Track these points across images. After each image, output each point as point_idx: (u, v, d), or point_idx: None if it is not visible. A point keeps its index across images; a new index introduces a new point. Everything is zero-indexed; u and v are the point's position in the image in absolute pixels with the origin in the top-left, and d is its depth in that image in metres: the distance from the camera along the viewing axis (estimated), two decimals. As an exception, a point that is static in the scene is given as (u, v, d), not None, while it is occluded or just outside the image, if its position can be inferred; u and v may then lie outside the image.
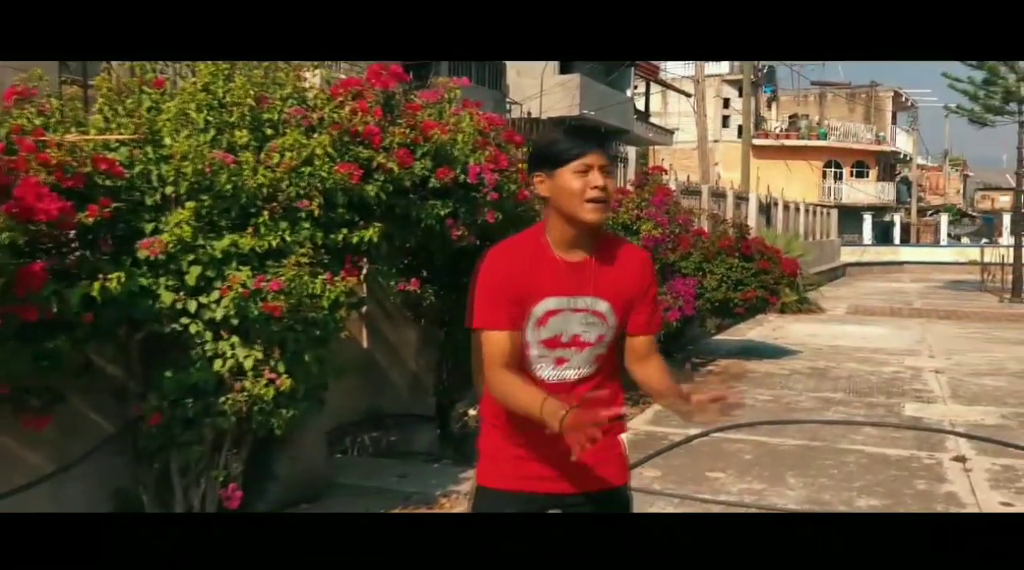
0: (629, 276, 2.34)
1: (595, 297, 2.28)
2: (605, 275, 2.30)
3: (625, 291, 2.32)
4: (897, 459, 6.34)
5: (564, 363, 2.31)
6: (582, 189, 2.20)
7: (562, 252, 2.28)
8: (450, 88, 4.41)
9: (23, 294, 2.89)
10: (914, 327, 15.03)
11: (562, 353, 2.30)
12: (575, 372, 2.32)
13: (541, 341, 2.29)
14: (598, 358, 2.33)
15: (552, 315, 2.27)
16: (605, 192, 2.21)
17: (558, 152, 2.24)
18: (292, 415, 3.73)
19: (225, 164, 3.36)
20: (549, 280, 2.26)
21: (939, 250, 37.73)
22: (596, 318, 2.30)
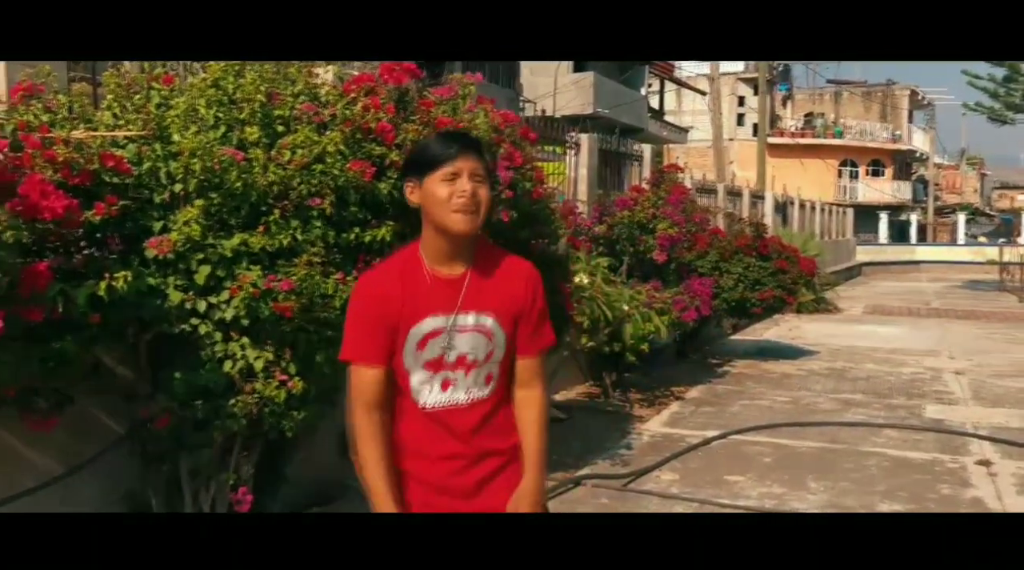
0: (513, 289, 2.22)
1: (477, 313, 2.17)
2: (487, 288, 2.18)
3: (510, 305, 2.21)
4: (920, 462, 6.22)
5: (451, 386, 2.19)
6: (449, 197, 2.08)
7: (438, 267, 2.17)
8: (464, 84, 4.31)
9: (28, 294, 2.81)
10: (932, 327, 14.87)
11: (448, 375, 2.19)
12: (465, 395, 2.20)
13: (424, 365, 2.17)
14: (489, 378, 2.22)
15: (432, 336, 2.16)
16: (473, 199, 2.09)
17: (426, 158, 2.14)
18: (304, 417, 3.66)
19: (235, 161, 3.28)
20: (425, 299, 2.15)
21: (956, 249, 37.39)
22: (481, 336, 2.18)
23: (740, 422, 7.37)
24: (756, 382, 9.38)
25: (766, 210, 17.79)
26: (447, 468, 2.22)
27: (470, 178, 2.11)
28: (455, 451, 2.21)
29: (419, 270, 2.17)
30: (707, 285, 8.88)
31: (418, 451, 2.22)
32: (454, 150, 2.12)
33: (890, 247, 37.10)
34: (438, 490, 2.24)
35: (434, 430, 2.21)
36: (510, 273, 2.23)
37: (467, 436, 2.21)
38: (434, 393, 2.19)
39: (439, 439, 2.21)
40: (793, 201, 21.67)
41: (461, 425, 2.21)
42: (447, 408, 2.20)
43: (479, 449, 2.22)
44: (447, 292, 2.16)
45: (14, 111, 3.24)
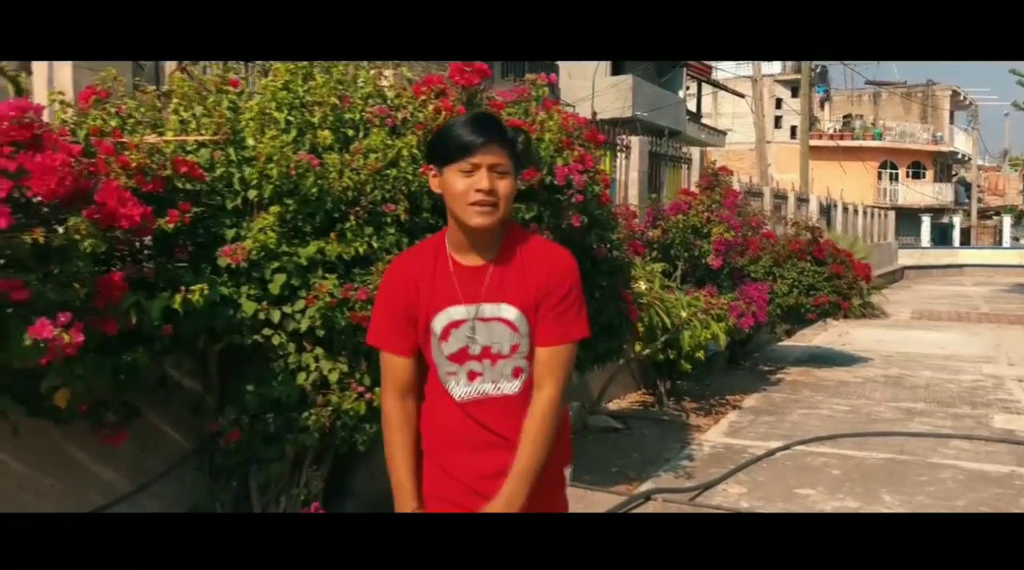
0: (539, 276, 2.08)
1: (500, 303, 2.06)
2: (510, 278, 2.07)
3: (533, 293, 2.07)
4: (997, 476, 5.98)
5: (477, 377, 2.09)
6: (465, 191, 1.99)
7: (461, 256, 2.08)
8: (538, 86, 4.18)
9: (103, 305, 2.72)
10: (985, 333, 14.51)
11: (473, 366, 2.09)
12: (493, 387, 2.09)
13: (448, 356, 2.09)
14: (518, 372, 2.10)
15: (454, 327, 2.07)
16: (492, 195, 1.99)
17: (446, 147, 2.03)
18: (377, 430, 3.53)
19: (312, 166, 3.16)
20: (446, 289, 2.07)
21: (1002, 253, 36.66)
22: (505, 327, 2.07)
23: (802, 432, 7.15)
24: (812, 390, 9.14)
25: (811, 213, 17.50)
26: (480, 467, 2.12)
27: (489, 172, 1.99)
28: (489, 442, 2.11)
29: (443, 259, 2.10)
30: (763, 290, 8.67)
31: (453, 442, 2.13)
32: (476, 142, 1.99)
33: (932, 250, 36.42)
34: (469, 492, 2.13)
35: (468, 422, 2.12)
36: (537, 261, 2.10)
37: (498, 428, 2.11)
38: (461, 384, 2.10)
39: (473, 431, 2.12)
40: (836, 204, 21.34)
41: (493, 419, 2.10)
42: (476, 400, 2.11)
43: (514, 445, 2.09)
44: (470, 282, 2.07)
45: (85, 116, 3.14)
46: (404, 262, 2.18)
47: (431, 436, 2.18)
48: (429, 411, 2.18)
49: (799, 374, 10.08)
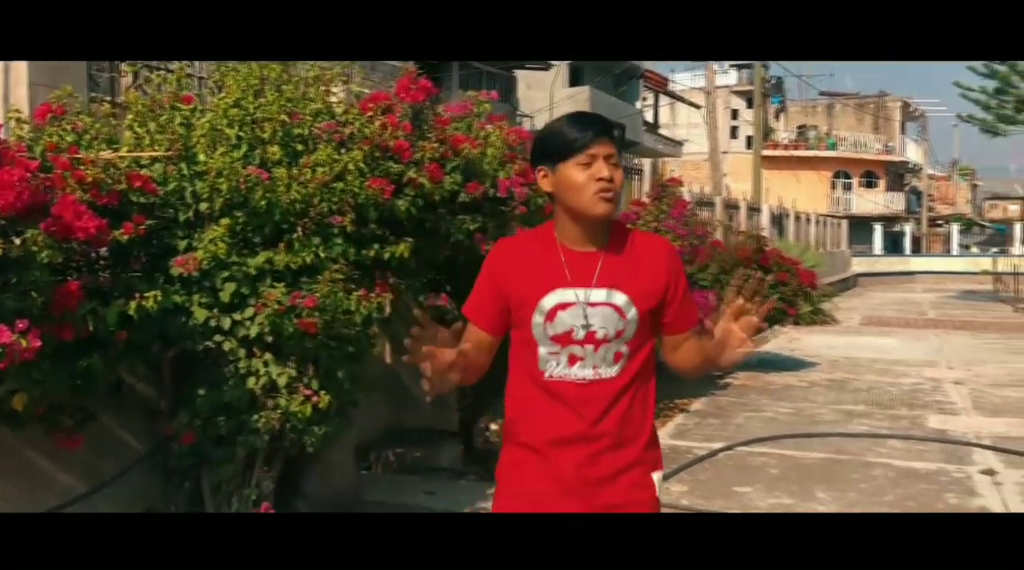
0: (649, 267, 2.17)
1: (610, 289, 2.13)
2: (621, 266, 2.15)
3: (645, 283, 2.16)
4: (925, 472, 6.27)
5: (578, 361, 2.14)
6: (586, 182, 2.08)
7: (572, 245, 2.16)
8: (479, 102, 4.38)
9: (60, 313, 2.86)
10: (930, 338, 14.93)
11: (575, 350, 2.14)
12: (592, 372, 2.14)
13: (551, 337, 2.14)
14: (618, 356, 2.15)
15: (562, 308, 2.13)
16: (612, 183, 2.09)
17: (560, 144, 2.12)
18: (325, 432, 3.70)
19: (261, 180, 3.33)
20: (556, 273, 2.14)
21: (950, 260, 37.54)
22: (613, 312, 2.13)
23: (745, 434, 7.41)
24: (759, 394, 9.42)
25: (762, 222, 17.89)
26: (570, 457, 2.15)
27: (606, 162, 2.09)
28: (579, 432, 2.14)
29: (552, 247, 2.16)
30: (710, 298, 8.94)
31: (542, 427, 2.17)
32: (590, 135, 2.09)
33: (884, 258, 37.22)
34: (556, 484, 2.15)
35: (558, 407, 2.15)
36: (648, 251, 2.20)
37: (593, 416, 2.14)
38: (560, 366, 2.15)
39: (562, 417, 2.15)
40: (789, 213, 21.80)
41: (585, 402, 2.14)
42: (572, 382, 2.14)
43: (606, 434, 2.14)
44: (582, 267, 2.14)
45: (41, 132, 3.28)
46: (509, 247, 2.25)
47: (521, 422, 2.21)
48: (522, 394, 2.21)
49: (747, 379, 10.36)
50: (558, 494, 2.15)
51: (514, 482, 2.22)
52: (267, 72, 3.86)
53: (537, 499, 2.16)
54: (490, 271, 2.20)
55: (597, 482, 2.15)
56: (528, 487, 2.18)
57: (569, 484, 2.15)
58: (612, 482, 2.16)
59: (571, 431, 2.14)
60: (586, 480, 2.14)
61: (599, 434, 2.14)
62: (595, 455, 2.14)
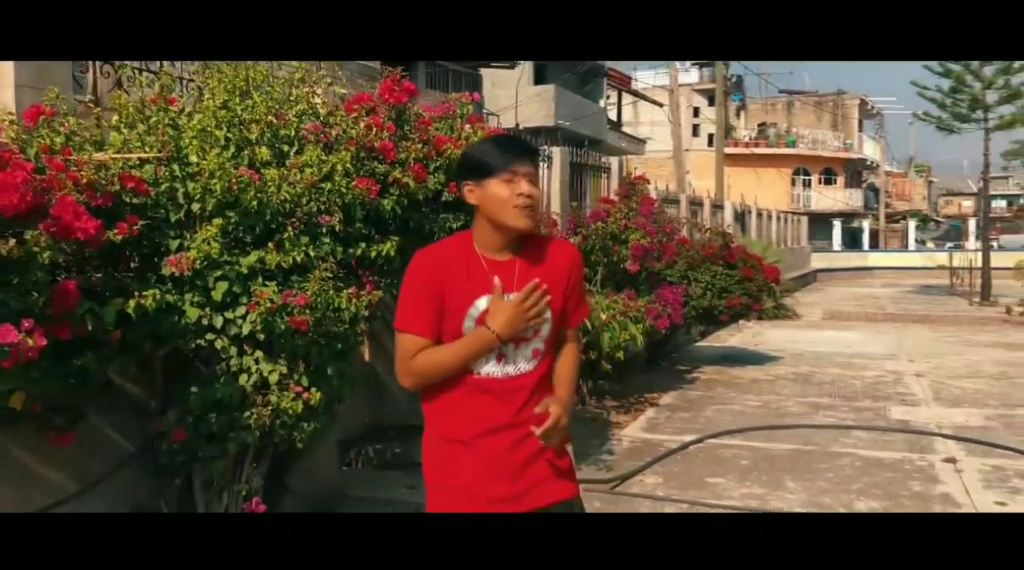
0: (558, 270, 2.42)
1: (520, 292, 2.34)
2: (535, 270, 2.37)
3: (557, 284, 2.40)
4: (890, 461, 6.47)
5: (503, 359, 2.37)
6: (510, 197, 2.30)
7: (490, 253, 2.37)
8: (462, 103, 4.47)
9: (59, 312, 2.91)
10: (890, 331, 15.28)
11: (502, 350, 2.36)
12: (515, 368, 2.38)
13: None
14: (536, 352, 2.40)
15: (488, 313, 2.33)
16: (531, 199, 2.32)
17: (487, 163, 2.34)
18: (313, 429, 3.77)
19: (252, 181, 3.39)
20: (479, 280, 2.34)
21: (908, 256, 38.30)
22: None
23: (714, 426, 7.58)
24: (726, 387, 9.62)
25: (726, 219, 18.14)
26: (497, 444, 2.36)
27: (527, 179, 2.32)
28: (505, 422, 2.36)
29: (472, 255, 2.37)
30: (678, 293, 9.11)
31: (471, 421, 2.36)
32: (512, 156, 2.33)
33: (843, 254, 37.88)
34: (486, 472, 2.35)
35: (487, 400, 2.37)
36: (556, 256, 2.44)
37: (517, 406, 2.37)
38: (490, 364, 2.36)
39: (491, 409, 2.36)
40: (751, 210, 22.11)
41: (511, 395, 2.37)
42: (500, 380, 2.37)
43: (528, 421, 2.35)
44: (502, 274, 2.35)
45: (32, 134, 3.31)
46: (433, 254, 2.40)
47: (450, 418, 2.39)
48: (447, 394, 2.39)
49: (714, 373, 10.56)
50: (487, 480, 2.35)
51: (447, 477, 2.39)
52: (252, 74, 3.92)
53: (469, 489, 2.35)
54: (422, 280, 2.35)
55: (522, 464, 2.37)
56: (460, 481, 2.36)
57: (498, 469, 2.35)
58: (535, 461, 2.39)
59: (499, 421, 2.36)
60: (513, 463, 2.36)
61: (523, 421, 2.36)
62: (519, 440, 2.36)
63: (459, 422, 2.38)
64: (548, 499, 2.40)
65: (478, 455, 2.35)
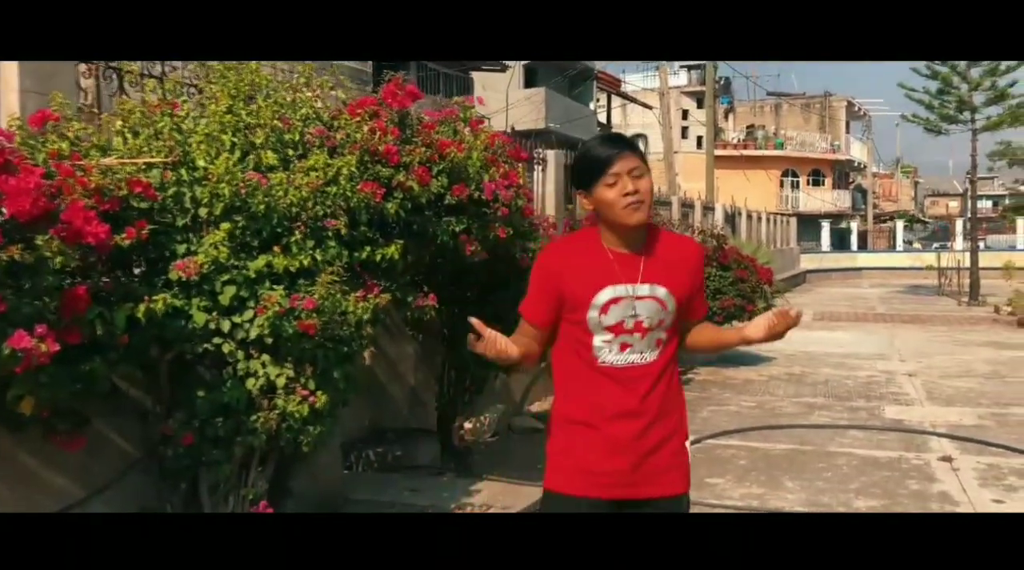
0: (683, 264, 2.51)
1: (653, 284, 2.44)
2: (660, 264, 2.46)
3: (680, 278, 2.48)
4: (887, 461, 6.52)
5: (628, 348, 2.45)
6: (616, 198, 2.38)
7: (617, 248, 2.46)
8: (465, 107, 4.49)
9: (69, 317, 2.91)
10: (880, 332, 15.38)
11: (626, 339, 2.44)
12: (639, 356, 2.46)
13: (606, 328, 2.44)
14: (659, 342, 2.48)
15: (614, 303, 2.42)
16: (638, 194, 2.37)
17: (587, 170, 2.43)
18: (319, 432, 3.77)
19: (260, 185, 3.40)
20: (604, 272, 2.43)
21: (896, 256, 38.46)
22: (656, 304, 2.45)
23: (711, 427, 7.62)
24: (721, 388, 9.66)
25: (717, 221, 18.21)
26: (622, 431, 2.44)
27: (630, 176, 2.38)
28: (631, 408, 2.45)
29: (599, 249, 2.46)
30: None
31: (597, 406, 2.46)
32: (612, 155, 2.39)
33: (832, 254, 38.01)
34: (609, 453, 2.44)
35: (612, 387, 2.46)
36: (681, 250, 2.54)
37: (641, 393, 2.46)
38: (613, 353, 2.45)
39: (616, 396, 2.46)
40: (741, 212, 22.20)
41: (636, 383, 2.46)
42: (624, 367, 2.46)
43: (653, 408, 2.46)
44: (627, 267, 2.44)
45: (40, 139, 3.31)
46: (557, 249, 2.57)
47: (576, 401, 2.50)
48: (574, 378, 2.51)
49: (708, 374, 10.61)
50: (607, 459, 2.45)
51: (567, 457, 2.50)
52: (256, 78, 3.92)
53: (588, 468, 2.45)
54: (545, 272, 2.51)
55: (647, 451, 2.47)
56: (581, 461, 2.47)
57: (621, 452, 2.45)
58: (658, 450, 2.48)
59: (625, 407, 2.46)
60: (638, 449, 2.46)
61: (646, 409, 2.46)
62: (646, 427, 2.46)
63: (585, 406, 2.48)
64: (663, 491, 2.48)
65: (603, 438, 2.45)
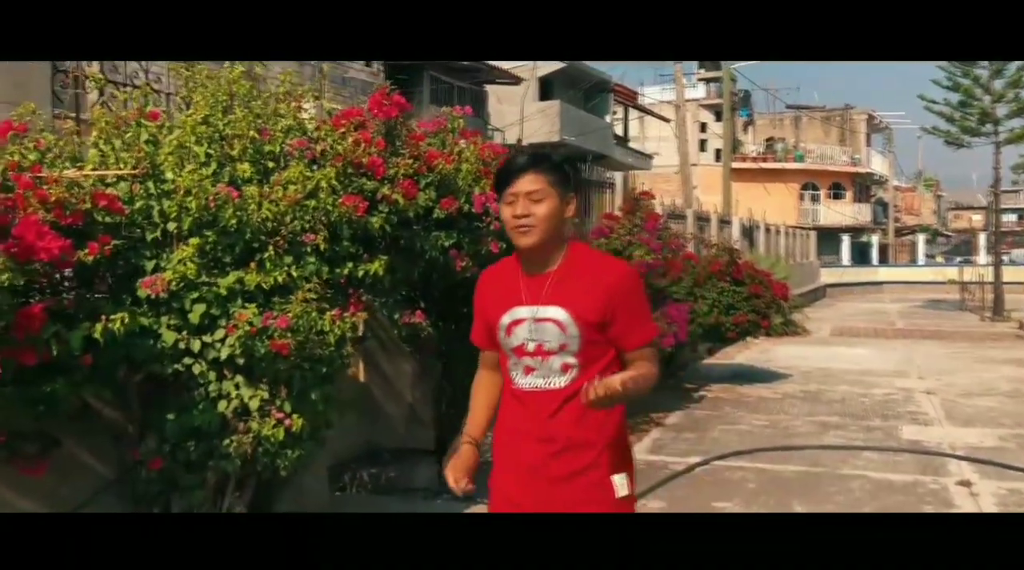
0: (597, 286, 2.34)
1: (549, 305, 2.34)
2: (568, 285, 2.35)
3: (590, 301, 2.33)
4: (902, 484, 6.27)
5: (532, 372, 2.38)
6: (508, 218, 2.35)
7: (528, 268, 2.40)
8: (453, 117, 4.33)
9: (22, 337, 2.76)
10: (899, 348, 15.06)
11: (529, 362, 2.38)
12: (544, 381, 2.37)
13: (512, 349, 2.41)
14: (565, 367, 2.35)
15: (516, 324, 2.38)
16: (528, 218, 2.30)
17: (496, 185, 2.41)
18: (298, 456, 3.61)
19: (231, 198, 3.25)
20: (512, 293, 2.40)
21: (917, 270, 37.99)
22: (555, 326, 2.34)
23: (721, 447, 7.39)
24: (733, 406, 9.42)
25: (734, 234, 17.97)
26: (534, 453, 2.37)
27: (526, 199, 2.31)
28: (538, 434, 2.37)
29: (516, 272, 2.43)
30: (683, 311, 8.93)
31: (515, 427, 2.43)
32: (513, 174, 2.35)
33: (852, 269, 37.61)
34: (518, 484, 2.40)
35: (520, 410, 2.41)
36: (596, 272, 2.38)
37: (544, 417, 2.36)
38: (519, 375, 2.41)
39: (523, 420, 2.41)
40: (759, 225, 21.94)
41: (541, 408, 2.37)
42: (531, 391, 2.39)
43: (562, 436, 2.34)
44: (533, 288, 2.38)
45: (2, 151, 3.18)
46: (487, 273, 2.58)
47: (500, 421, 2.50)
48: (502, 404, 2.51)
49: (721, 391, 10.37)
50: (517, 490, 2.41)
51: (495, 476, 2.50)
52: (236, 88, 3.79)
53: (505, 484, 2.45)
54: (476, 295, 2.55)
55: (557, 479, 2.35)
56: (501, 478, 2.48)
57: (528, 482, 2.38)
58: (568, 482, 2.35)
59: (532, 432, 2.38)
60: (547, 475, 2.35)
61: (555, 436, 2.35)
62: (555, 454, 2.35)
63: (503, 429, 2.48)
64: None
65: (516, 463, 2.41)
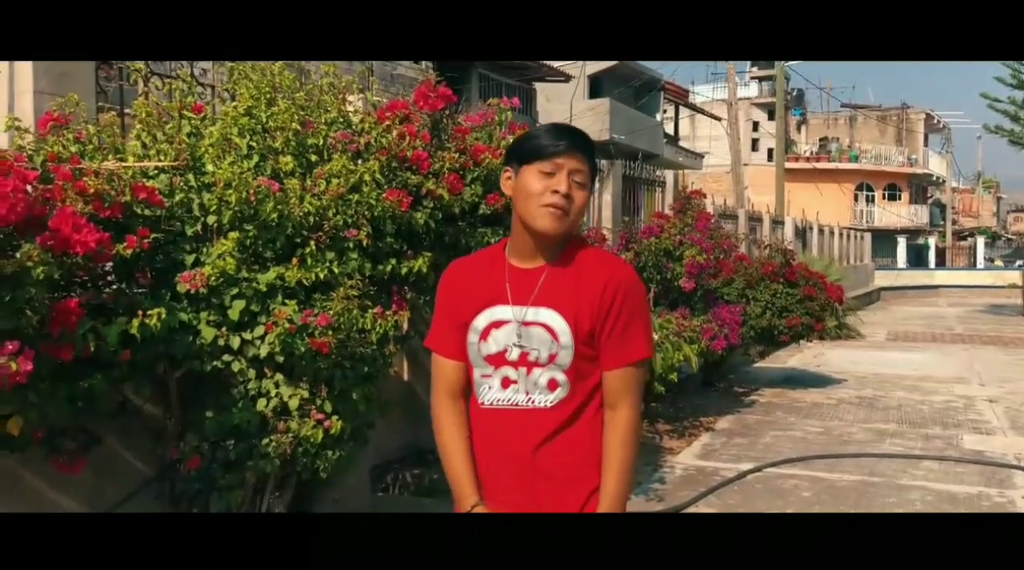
0: (590, 289, 1.97)
1: (538, 306, 1.97)
2: (564, 285, 1.97)
3: (585, 306, 1.96)
4: (965, 497, 6.01)
5: (511, 385, 1.99)
6: (541, 191, 1.93)
7: (518, 261, 2.02)
8: (501, 110, 4.20)
9: (58, 332, 2.69)
10: (958, 353, 14.62)
11: (509, 372, 1.99)
12: (525, 398, 1.98)
13: (485, 357, 2.01)
14: (553, 385, 1.97)
15: (496, 327, 1.99)
16: (566, 200, 1.93)
17: (530, 146, 1.97)
18: (338, 457, 3.52)
19: (271, 192, 3.16)
20: (493, 289, 2.01)
21: (976, 273, 36.99)
22: (546, 333, 1.96)
23: (773, 454, 7.17)
24: (786, 411, 9.17)
25: (786, 235, 17.62)
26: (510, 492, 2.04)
27: (569, 177, 1.94)
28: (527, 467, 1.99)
29: (499, 264, 2.04)
30: (735, 313, 8.72)
31: (486, 454, 2.06)
32: (562, 145, 1.95)
33: (908, 271, 36.70)
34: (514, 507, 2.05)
35: (497, 434, 2.02)
36: (593, 272, 1.99)
37: (527, 447, 1.99)
38: (494, 390, 2.02)
39: (502, 444, 2.02)
40: (812, 226, 21.51)
41: (521, 432, 1.99)
42: (506, 409, 2.01)
43: (546, 469, 1.99)
44: (521, 285, 2.00)
45: (43, 142, 3.13)
46: (457, 266, 2.14)
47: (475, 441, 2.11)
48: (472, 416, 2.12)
49: (773, 396, 10.12)
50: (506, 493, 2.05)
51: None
52: (280, 80, 3.70)
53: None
54: (441, 295, 2.12)
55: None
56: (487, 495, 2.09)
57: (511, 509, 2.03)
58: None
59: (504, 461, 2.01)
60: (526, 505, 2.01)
61: (540, 465, 1.99)
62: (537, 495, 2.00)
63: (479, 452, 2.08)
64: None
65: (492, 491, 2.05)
